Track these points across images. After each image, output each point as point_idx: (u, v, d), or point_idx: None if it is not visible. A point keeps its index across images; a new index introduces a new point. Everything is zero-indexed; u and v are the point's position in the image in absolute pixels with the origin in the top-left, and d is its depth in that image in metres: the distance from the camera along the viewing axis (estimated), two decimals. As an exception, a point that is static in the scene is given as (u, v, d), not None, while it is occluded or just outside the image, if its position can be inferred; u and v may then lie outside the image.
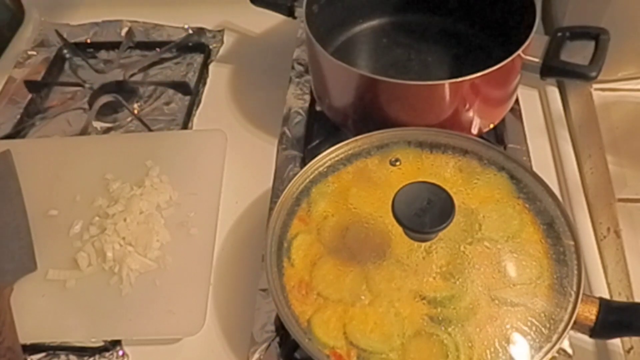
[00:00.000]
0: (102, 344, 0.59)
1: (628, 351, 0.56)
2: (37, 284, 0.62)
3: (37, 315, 0.60)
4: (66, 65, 0.89)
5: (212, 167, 0.70)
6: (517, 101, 0.75)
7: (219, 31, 0.91)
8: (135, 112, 0.81)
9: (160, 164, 0.70)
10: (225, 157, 0.71)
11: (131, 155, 0.72)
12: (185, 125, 0.78)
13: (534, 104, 0.78)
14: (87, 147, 0.74)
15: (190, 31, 0.90)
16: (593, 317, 0.49)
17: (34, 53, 0.90)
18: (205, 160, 0.71)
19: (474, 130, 0.69)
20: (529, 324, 0.48)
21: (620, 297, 0.59)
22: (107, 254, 0.62)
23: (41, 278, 0.62)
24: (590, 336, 0.50)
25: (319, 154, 0.59)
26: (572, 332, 0.49)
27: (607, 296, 0.59)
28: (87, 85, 0.83)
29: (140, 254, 0.62)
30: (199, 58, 0.88)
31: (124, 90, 0.82)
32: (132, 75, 0.85)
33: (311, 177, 0.58)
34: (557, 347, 0.47)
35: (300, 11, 0.69)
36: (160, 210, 0.66)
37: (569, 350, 0.55)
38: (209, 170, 0.70)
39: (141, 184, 0.68)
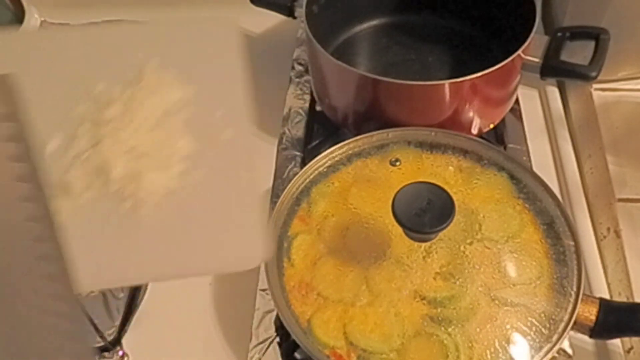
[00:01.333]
0: (102, 343, 0.59)
1: (628, 351, 0.56)
2: None
3: None
4: (66, 65, 0.88)
5: (226, 56, 0.53)
6: (517, 101, 0.75)
7: (219, 31, 0.90)
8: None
9: (159, 57, 0.53)
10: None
11: (116, 47, 0.54)
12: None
13: (534, 104, 0.78)
14: (48, 40, 0.55)
15: (190, 31, 0.90)
16: (593, 317, 0.49)
17: (34, 53, 0.90)
18: (216, 49, 0.54)
19: (474, 130, 0.69)
20: (529, 324, 0.48)
21: (620, 297, 0.59)
22: (112, 171, 0.45)
23: None
24: (590, 336, 0.50)
25: (319, 154, 0.59)
26: (572, 332, 0.49)
27: (607, 296, 0.59)
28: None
29: (159, 168, 0.46)
30: (199, 57, 0.87)
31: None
32: (132, 75, 0.84)
33: (311, 177, 0.58)
34: (557, 347, 0.47)
35: (300, 11, 0.69)
36: (172, 114, 0.50)
37: (569, 351, 0.55)
38: (223, 59, 0.53)
39: (137, 80, 0.51)
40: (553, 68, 0.65)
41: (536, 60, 0.65)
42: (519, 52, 0.62)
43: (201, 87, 0.51)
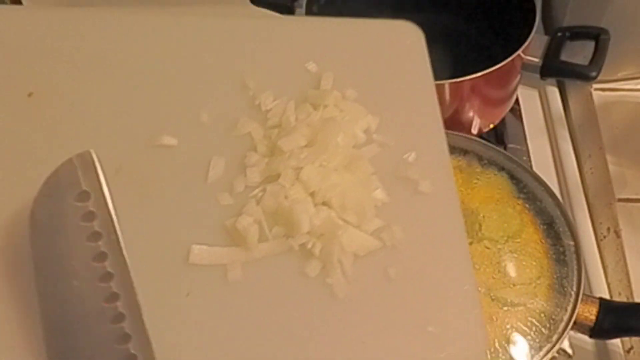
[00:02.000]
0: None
1: (628, 351, 0.56)
2: (174, 276, 0.33)
3: (182, 331, 0.32)
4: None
5: (414, 76, 0.42)
6: (517, 101, 0.75)
7: (219, 31, 0.90)
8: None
9: (333, 71, 0.41)
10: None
11: (280, 52, 0.43)
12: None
13: (534, 104, 0.78)
14: (200, 35, 0.43)
15: (190, 31, 0.90)
16: (593, 317, 0.49)
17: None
18: (401, 65, 0.43)
19: (474, 130, 0.69)
20: (529, 324, 0.48)
21: (620, 297, 0.59)
22: (300, 221, 0.34)
23: (180, 262, 0.34)
24: (590, 336, 0.50)
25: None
26: (572, 332, 0.49)
27: (607, 296, 0.59)
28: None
29: (354, 222, 0.35)
30: (199, 58, 0.86)
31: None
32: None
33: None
34: (557, 347, 0.47)
35: (300, 11, 0.69)
36: (359, 152, 0.39)
37: (569, 350, 0.55)
38: (411, 81, 0.42)
39: (316, 102, 0.39)
40: (553, 68, 0.65)
41: (536, 60, 0.65)
42: (519, 52, 0.62)
43: (385, 118, 0.40)
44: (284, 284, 0.34)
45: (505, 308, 0.48)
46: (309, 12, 0.69)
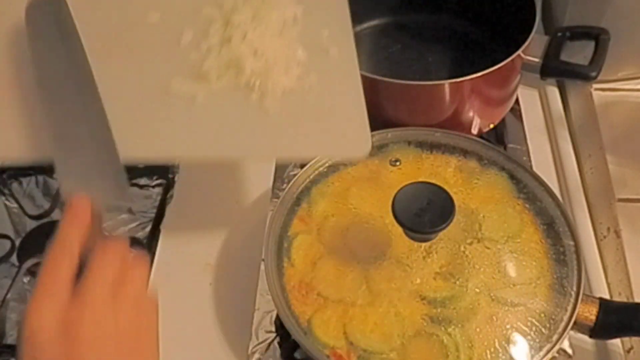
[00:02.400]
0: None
1: (628, 351, 0.56)
2: (156, 103, 0.51)
3: (164, 134, 0.50)
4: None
5: None
6: (517, 101, 0.75)
7: (219, 31, 0.91)
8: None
9: None
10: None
11: None
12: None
13: (534, 104, 0.78)
14: None
15: (190, 31, 0.91)
16: (593, 317, 0.49)
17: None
18: None
19: (474, 130, 0.69)
20: (529, 324, 0.48)
21: (620, 297, 0.59)
22: (245, 66, 0.52)
23: (162, 93, 0.51)
24: (590, 336, 0.50)
25: (319, 154, 0.59)
26: (572, 332, 0.49)
27: (607, 296, 0.59)
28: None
29: (282, 69, 0.53)
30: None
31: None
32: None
33: (311, 177, 0.58)
34: (557, 347, 0.47)
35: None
36: (289, 27, 0.56)
37: (569, 351, 0.55)
38: None
39: None
40: (553, 68, 0.65)
41: (536, 60, 0.65)
42: (519, 52, 0.62)
43: (308, 9, 0.57)
44: (233, 107, 0.51)
45: (505, 308, 0.48)
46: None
